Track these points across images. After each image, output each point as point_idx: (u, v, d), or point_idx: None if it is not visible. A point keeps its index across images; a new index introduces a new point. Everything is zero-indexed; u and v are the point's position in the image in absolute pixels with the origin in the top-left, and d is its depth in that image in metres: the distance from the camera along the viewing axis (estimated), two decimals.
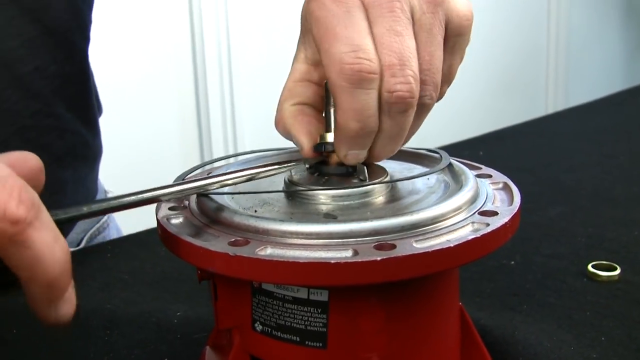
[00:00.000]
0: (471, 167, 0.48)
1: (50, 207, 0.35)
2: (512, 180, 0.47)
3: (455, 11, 0.43)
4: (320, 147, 0.43)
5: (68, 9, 0.65)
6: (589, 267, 0.65)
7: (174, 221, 0.41)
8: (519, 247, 0.72)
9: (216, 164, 0.51)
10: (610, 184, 0.91)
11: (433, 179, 0.46)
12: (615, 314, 0.58)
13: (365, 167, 0.43)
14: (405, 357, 0.40)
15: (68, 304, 0.36)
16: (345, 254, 0.35)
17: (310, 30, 0.42)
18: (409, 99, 0.40)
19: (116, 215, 0.84)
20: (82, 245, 0.77)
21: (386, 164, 0.47)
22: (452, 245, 0.35)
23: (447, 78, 0.45)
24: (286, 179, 0.44)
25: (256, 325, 0.41)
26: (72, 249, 0.75)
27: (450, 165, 0.46)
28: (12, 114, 0.63)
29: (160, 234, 0.41)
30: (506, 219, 0.38)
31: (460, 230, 0.37)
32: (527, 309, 0.60)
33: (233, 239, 0.37)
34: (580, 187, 0.90)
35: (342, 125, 0.40)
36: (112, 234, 0.83)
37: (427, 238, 0.36)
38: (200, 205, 0.42)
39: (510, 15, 2.66)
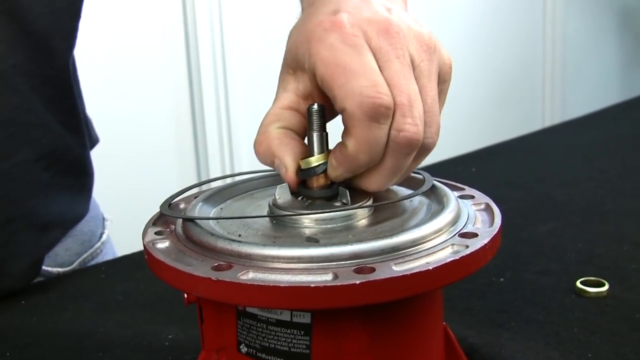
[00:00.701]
0: (454, 188, 0.49)
1: (30, 209, 0.36)
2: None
3: (442, 59, 0.45)
4: (308, 172, 0.44)
5: (48, 14, 0.66)
6: (578, 283, 0.66)
7: (160, 246, 0.42)
8: (509, 264, 0.73)
9: (213, 184, 0.52)
10: (602, 199, 0.91)
11: (416, 200, 0.47)
12: (603, 330, 0.58)
13: (347, 191, 0.43)
14: None
15: None
16: (326, 278, 0.36)
17: (309, 69, 0.43)
18: (415, 140, 0.42)
19: (112, 235, 0.85)
20: (73, 266, 0.78)
21: None
22: (430, 267, 0.36)
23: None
24: (270, 203, 0.45)
25: (241, 347, 0.42)
26: (63, 270, 0.76)
27: (433, 186, 0.47)
28: None
29: (146, 259, 0.42)
30: (485, 241, 0.39)
31: (440, 252, 0.38)
32: (515, 326, 0.60)
33: (216, 264, 0.38)
34: (572, 203, 0.91)
35: (353, 154, 0.42)
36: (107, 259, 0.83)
37: (407, 261, 0.37)
38: (185, 230, 0.42)
39: (505, 29, 2.67)
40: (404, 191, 0.49)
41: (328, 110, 0.44)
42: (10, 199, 0.68)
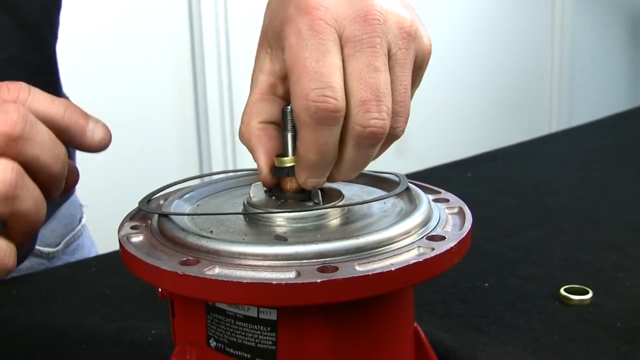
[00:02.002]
0: (430, 191, 0.50)
1: None
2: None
3: (421, 45, 0.44)
4: (280, 172, 0.44)
5: (39, 7, 0.70)
6: (561, 290, 0.66)
7: (134, 240, 0.42)
8: (495, 269, 0.73)
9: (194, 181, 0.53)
10: (594, 207, 0.91)
11: (390, 202, 0.47)
12: (581, 337, 0.59)
13: (319, 191, 0.44)
14: None
15: (100, 131, 0.44)
16: (289, 275, 0.36)
17: (282, 49, 0.43)
18: (380, 134, 0.41)
19: (90, 227, 0.88)
20: (60, 247, 0.81)
21: (346, 186, 0.48)
22: (393, 269, 0.36)
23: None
24: (245, 201, 0.45)
25: (211, 341, 0.42)
26: (52, 249, 0.79)
27: (407, 189, 0.47)
28: None
29: (120, 252, 0.42)
30: (452, 244, 0.39)
31: (405, 254, 0.39)
32: (494, 330, 0.60)
33: (185, 259, 0.39)
34: (564, 210, 0.91)
35: (302, 156, 0.42)
36: (86, 242, 0.87)
37: (371, 261, 0.38)
38: (160, 225, 0.43)
39: (514, 34, 2.67)
40: (378, 192, 0.50)
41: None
42: None
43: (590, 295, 0.65)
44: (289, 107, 0.44)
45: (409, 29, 0.43)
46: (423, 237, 0.41)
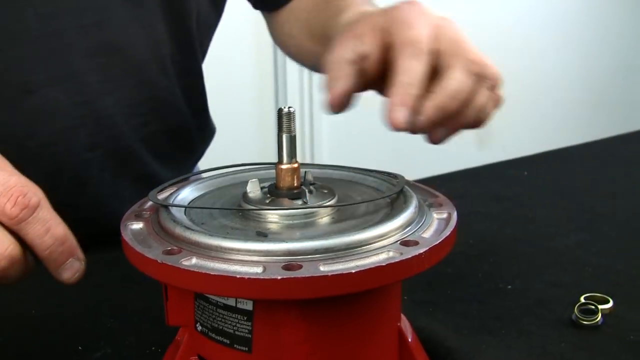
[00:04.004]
0: (428, 195, 0.51)
1: (150, 172, 0.76)
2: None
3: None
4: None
5: (198, 21, 0.84)
6: (582, 299, 0.65)
7: (133, 227, 0.46)
8: (522, 272, 0.73)
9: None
10: None
11: (383, 203, 0.49)
12: (590, 347, 0.58)
13: (306, 191, 0.46)
14: None
15: (68, 272, 0.51)
16: (256, 270, 0.39)
17: (387, 27, 0.57)
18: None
19: None
20: None
21: (343, 187, 0.50)
22: (353, 271, 0.38)
23: None
24: (242, 196, 0.48)
25: (197, 325, 0.45)
26: None
27: (401, 192, 0.48)
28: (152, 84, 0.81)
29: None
30: (421, 251, 0.41)
31: (373, 257, 0.40)
32: (504, 334, 0.61)
33: (169, 248, 0.42)
34: (613, 216, 0.89)
35: (398, 80, 0.53)
36: None
37: (337, 262, 0.39)
38: (158, 215, 0.46)
39: (608, 31, 2.57)
40: (373, 192, 0.51)
41: (377, 63, 0.56)
42: (143, 161, 0.83)
43: (610, 304, 0.64)
44: (286, 109, 0.46)
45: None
46: (398, 241, 0.42)
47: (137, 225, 0.46)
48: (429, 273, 0.72)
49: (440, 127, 0.56)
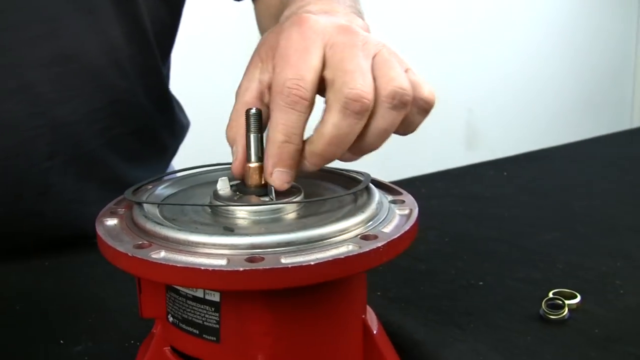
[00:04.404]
0: (391, 192, 0.53)
1: (120, 173, 0.78)
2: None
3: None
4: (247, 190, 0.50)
5: (159, 20, 0.85)
6: (550, 294, 0.67)
7: (108, 223, 0.48)
8: (494, 269, 0.75)
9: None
10: (619, 214, 0.91)
11: (349, 200, 0.51)
12: (555, 341, 0.60)
13: (273, 188, 0.48)
14: None
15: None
16: (220, 262, 0.40)
17: (273, 58, 0.50)
18: (366, 100, 0.47)
19: None
20: None
21: (311, 184, 0.52)
22: (312, 263, 0.40)
23: None
24: (211, 194, 0.50)
25: (169, 317, 0.47)
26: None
27: (366, 189, 0.50)
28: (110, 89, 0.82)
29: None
30: (379, 244, 0.43)
31: (333, 250, 0.42)
32: (472, 328, 0.63)
33: (140, 242, 0.44)
34: (587, 215, 0.91)
35: (271, 136, 0.47)
36: None
37: (299, 255, 0.41)
38: (132, 211, 0.48)
39: (598, 30, 2.59)
40: (340, 190, 0.53)
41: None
42: (109, 164, 0.85)
43: (577, 300, 0.66)
44: (253, 109, 0.48)
45: (383, 42, 0.51)
46: (358, 235, 0.44)
47: (112, 222, 0.48)
48: (403, 270, 0.75)
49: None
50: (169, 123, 0.95)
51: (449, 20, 2.38)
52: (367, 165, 0.63)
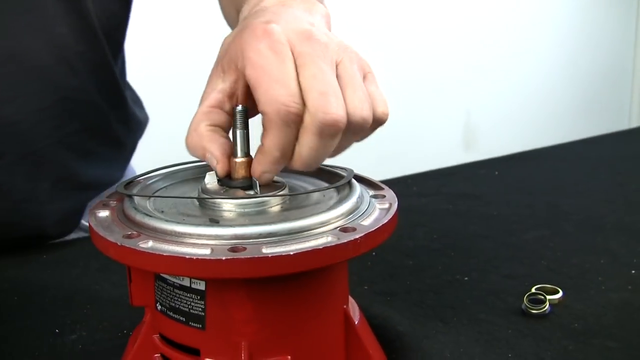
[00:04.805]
0: (373, 187, 0.55)
1: (75, 172, 0.73)
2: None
3: (358, 56, 0.53)
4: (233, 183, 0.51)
5: (107, 17, 0.84)
6: (533, 289, 0.69)
7: (100, 214, 0.50)
8: (480, 265, 0.77)
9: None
10: (605, 213, 0.93)
11: (332, 195, 0.53)
12: (535, 334, 0.62)
13: (257, 182, 0.50)
14: (272, 346, 0.47)
15: None
16: (204, 252, 0.42)
17: (241, 69, 0.50)
18: (341, 122, 0.48)
19: None
20: None
21: (296, 178, 0.54)
22: (291, 253, 0.42)
23: None
24: (199, 188, 0.52)
25: (157, 305, 0.49)
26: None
27: (348, 183, 0.52)
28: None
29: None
30: (357, 236, 0.44)
31: (313, 241, 0.44)
32: (455, 321, 0.65)
33: (129, 233, 0.46)
34: (573, 213, 0.93)
35: (267, 153, 0.49)
36: None
37: (280, 245, 0.43)
38: (123, 204, 0.50)
39: (596, 33, 2.61)
40: (321, 183, 0.55)
41: (249, 108, 0.51)
42: (62, 163, 0.84)
43: (559, 295, 0.68)
44: (240, 107, 0.50)
45: (345, 45, 0.51)
46: (338, 227, 0.46)
47: (104, 213, 0.50)
48: (391, 265, 0.77)
49: None
50: (124, 119, 0.94)
51: (447, 24, 2.40)
52: (365, 167, 0.65)
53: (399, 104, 2.34)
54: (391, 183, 0.58)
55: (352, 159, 0.61)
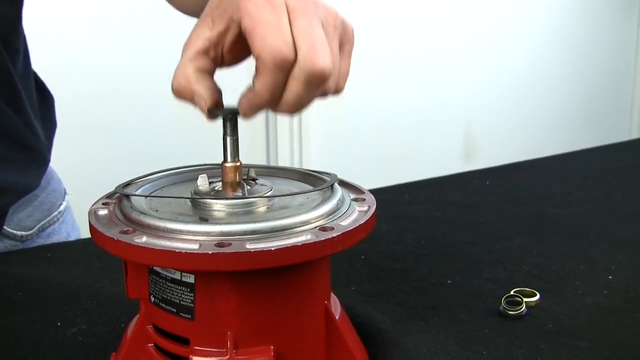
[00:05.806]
0: (354, 191, 0.58)
1: None
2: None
3: (345, 25, 0.56)
4: (216, 112, 0.53)
5: None
6: (512, 292, 0.72)
7: (100, 212, 0.54)
8: (464, 270, 0.80)
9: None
10: (590, 221, 0.96)
11: (316, 197, 0.56)
12: (510, 334, 0.65)
13: (245, 185, 0.54)
14: (256, 337, 0.51)
15: None
16: (193, 247, 0.46)
17: (236, 20, 0.53)
18: (328, 73, 0.51)
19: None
20: (34, 230, 0.94)
21: (282, 182, 0.58)
22: (272, 249, 0.46)
23: None
24: (192, 189, 0.56)
25: (151, 297, 0.53)
26: (25, 233, 0.91)
27: (330, 187, 0.56)
28: None
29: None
30: (334, 235, 0.48)
31: (293, 239, 0.48)
32: (436, 320, 0.68)
33: (126, 229, 0.49)
34: (559, 222, 0.96)
35: (259, 93, 0.52)
36: (63, 228, 0.99)
37: (262, 242, 0.47)
38: (121, 203, 0.54)
39: (596, 42, 2.64)
40: (306, 187, 0.59)
41: (233, 57, 0.54)
42: None
43: (537, 298, 0.71)
44: (230, 114, 0.54)
45: (334, 12, 0.55)
46: (318, 227, 0.50)
47: (103, 212, 0.54)
48: (378, 268, 0.80)
49: None
50: (28, 122, 0.90)
51: (447, 32, 2.44)
52: (366, 176, 0.69)
53: (400, 113, 2.38)
54: (385, 191, 0.61)
55: (354, 167, 0.64)
